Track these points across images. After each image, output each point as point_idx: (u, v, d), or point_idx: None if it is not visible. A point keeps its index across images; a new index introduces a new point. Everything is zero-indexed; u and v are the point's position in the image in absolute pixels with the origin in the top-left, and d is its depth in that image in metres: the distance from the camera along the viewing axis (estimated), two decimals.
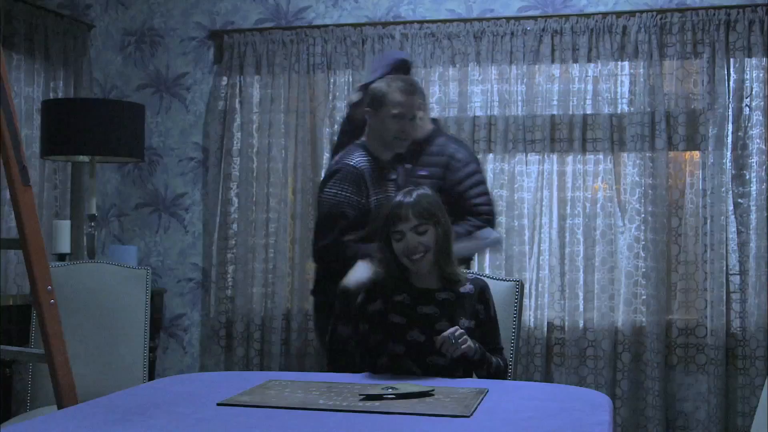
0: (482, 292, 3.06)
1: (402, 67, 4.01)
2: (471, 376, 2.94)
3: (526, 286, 4.87)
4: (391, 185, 3.72)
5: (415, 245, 2.89)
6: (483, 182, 4.03)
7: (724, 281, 4.75)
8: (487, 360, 2.92)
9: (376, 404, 2.38)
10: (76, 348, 3.90)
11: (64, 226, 4.72)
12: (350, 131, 3.97)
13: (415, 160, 3.94)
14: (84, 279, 4.09)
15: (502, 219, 4.92)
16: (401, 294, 2.98)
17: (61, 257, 4.62)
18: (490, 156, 5.02)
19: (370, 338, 2.99)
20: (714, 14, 4.80)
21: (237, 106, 5.27)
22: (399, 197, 2.95)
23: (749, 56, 4.77)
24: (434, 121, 4.12)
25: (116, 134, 4.51)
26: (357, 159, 3.66)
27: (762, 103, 4.74)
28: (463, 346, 2.80)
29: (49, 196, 4.93)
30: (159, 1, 5.49)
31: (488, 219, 3.95)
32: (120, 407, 2.38)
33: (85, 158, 4.68)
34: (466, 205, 3.90)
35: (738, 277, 4.76)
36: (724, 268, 4.75)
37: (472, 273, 3.23)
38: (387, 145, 3.68)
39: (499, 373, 2.99)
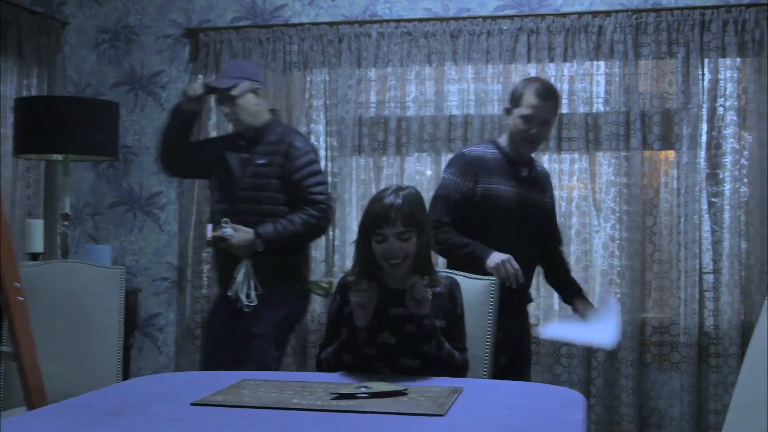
0: (452, 290, 3.05)
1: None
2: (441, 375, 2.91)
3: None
4: (518, 180, 3.72)
5: (396, 251, 2.86)
6: (320, 172, 4.07)
7: (698, 280, 4.78)
8: (440, 338, 2.89)
9: (349, 403, 2.38)
10: (49, 348, 3.85)
11: (38, 226, 4.67)
12: (174, 124, 4.02)
13: (252, 149, 3.97)
14: (57, 279, 4.06)
15: None
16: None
17: (35, 257, 4.57)
18: None
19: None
20: (689, 14, 4.83)
21: (213, 104, 5.18)
22: (388, 198, 2.88)
23: (723, 56, 4.81)
24: (272, 111, 4.11)
25: (90, 132, 4.51)
26: (477, 149, 3.76)
27: (735, 103, 4.78)
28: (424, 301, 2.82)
29: (22, 194, 4.91)
30: None
31: (323, 208, 3.97)
32: (93, 407, 2.37)
33: (58, 157, 4.68)
34: (303, 194, 3.93)
35: (711, 275, 4.78)
36: (698, 266, 4.78)
37: (443, 271, 3.22)
38: (514, 143, 3.69)
39: (458, 369, 2.97)
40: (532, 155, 3.85)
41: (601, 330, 3.72)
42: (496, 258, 3.48)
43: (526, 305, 3.87)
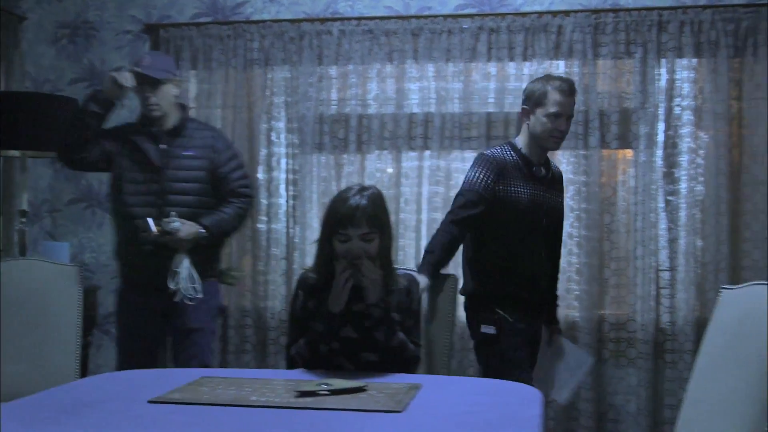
0: (411, 287, 3.09)
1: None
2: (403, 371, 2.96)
3: (462, 280, 4.86)
4: (535, 181, 3.79)
5: (359, 252, 2.89)
6: (243, 165, 4.19)
7: (654, 277, 4.85)
8: (391, 327, 2.95)
9: (309, 400, 2.40)
10: (6, 347, 3.88)
11: None
12: (93, 111, 3.94)
13: (172, 141, 4.00)
14: (15, 276, 4.04)
15: (437, 215, 4.94)
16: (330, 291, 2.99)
17: None
18: (427, 153, 5.06)
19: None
20: (646, 15, 4.89)
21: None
22: (353, 198, 2.90)
23: (680, 56, 4.88)
24: (182, 106, 4.14)
25: (49, 129, 4.49)
26: (496, 150, 3.81)
27: (692, 102, 4.86)
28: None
29: None
30: None
31: (249, 200, 4.12)
32: (49, 406, 2.37)
33: (16, 153, 4.67)
34: (230, 187, 4.03)
35: (668, 273, 4.87)
36: (654, 264, 4.85)
37: (401, 269, 3.26)
38: (540, 142, 3.75)
39: (410, 360, 3.01)
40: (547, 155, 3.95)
41: (563, 382, 3.82)
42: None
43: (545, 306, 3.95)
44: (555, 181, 3.90)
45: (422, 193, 5.06)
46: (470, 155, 4.95)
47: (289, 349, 3.04)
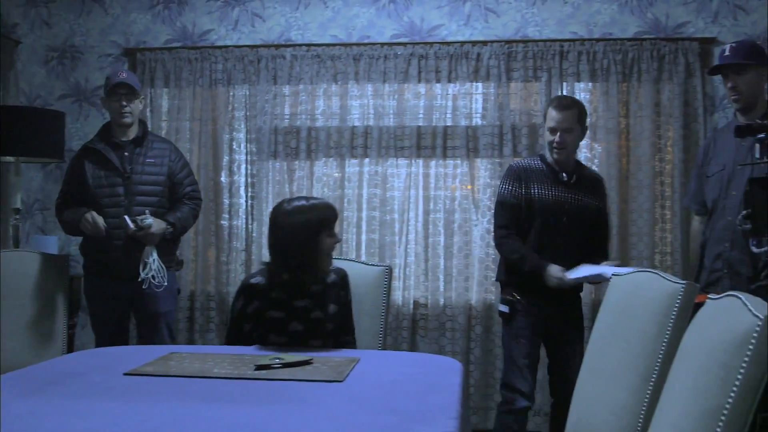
0: (343, 279, 3.18)
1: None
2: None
3: (396, 270, 5.02)
4: (560, 185, 3.81)
5: (336, 244, 3.08)
6: (192, 173, 4.33)
7: None
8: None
9: (264, 372, 2.44)
10: (3, 326, 3.92)
11: None
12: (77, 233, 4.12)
13: (133, 149, 4.09)
14: (9, 265, 4.11)
15: (376, 213, 5.06)
16: (277, 292, 3.03)
17: None
18: (366, 160, 5.13)
19: (253, 335, 3.05)
20: (550, 46, 5.02)
21: (148, 114, 5.24)
22: (327, 205, 3.05)
23: (578, 81, 5.01)
24: (142, 121, 4.23)
25: (40, 138, 4.51)
26: (524, 161, 3.94)
27: (588, 119, 4.89)
28: None
29: None
30: (79, 22, 5.42)
31: (199, 203, 4.30)
32: (37, 377, 2.38)
33: (10, 159, 4.67)
34: (184, 191, 4.20)
35: None
36: None
37: (338, 259, 3.35)
38: (550, 152, 3.81)
39: (345, 344, 3.11)
40: (582, 163, 4.04)
41: (582, 270, 3.69)
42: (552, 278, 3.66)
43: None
44: (584, 185, 3.84)
45: (362, 194, 5.11)
46: (403, 162, 5.09)
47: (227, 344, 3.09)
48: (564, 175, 3.81)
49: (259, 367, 2.50)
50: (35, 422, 1.90)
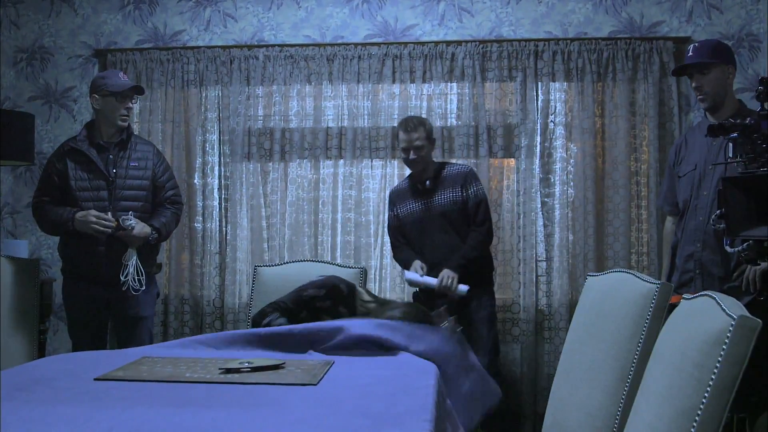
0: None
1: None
2: None
3: (371, 272, 5.02)
4: (420, 193, 4.41)
5: None
6: (174, 177, 4.39)
7: (534, 266, 5.01)
8: None
9: (234, 376, 2.45)
10: None
11: None
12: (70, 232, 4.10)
13: (118, 152, 4.11)
14: None
15: (351, 215, 5.08)
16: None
17: None
18: (341, 161, 5.14)
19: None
20: (525, 45, 5.05)
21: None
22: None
23: (553, 80, 5.05)
24: (128, 126, 4.23)
25: (9, 140, 4.49)
26: (396, 185, 4.63)
27: (563, 119, 5.05)
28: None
29: None
30: (49, 22, 5.40)
31: (181, 207, 4.37)
32: (5, 383, 2.35)
33: None
34: (166, 195, 4.24)
35: (545, 263, 5.04)
36: (534, 255, 5.01)
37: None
38: (409, 168, 4.43)
39: None
40: (449, 163, 4.49)
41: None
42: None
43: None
44: (445, 185, 4.29)
45: (338, 195, 5.13)
46: (378, 163, 5.11)
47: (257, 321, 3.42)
48: (422, 184, 4.35)
49: (228, 371, 2.50)
50: (2, 430, 1.89)
